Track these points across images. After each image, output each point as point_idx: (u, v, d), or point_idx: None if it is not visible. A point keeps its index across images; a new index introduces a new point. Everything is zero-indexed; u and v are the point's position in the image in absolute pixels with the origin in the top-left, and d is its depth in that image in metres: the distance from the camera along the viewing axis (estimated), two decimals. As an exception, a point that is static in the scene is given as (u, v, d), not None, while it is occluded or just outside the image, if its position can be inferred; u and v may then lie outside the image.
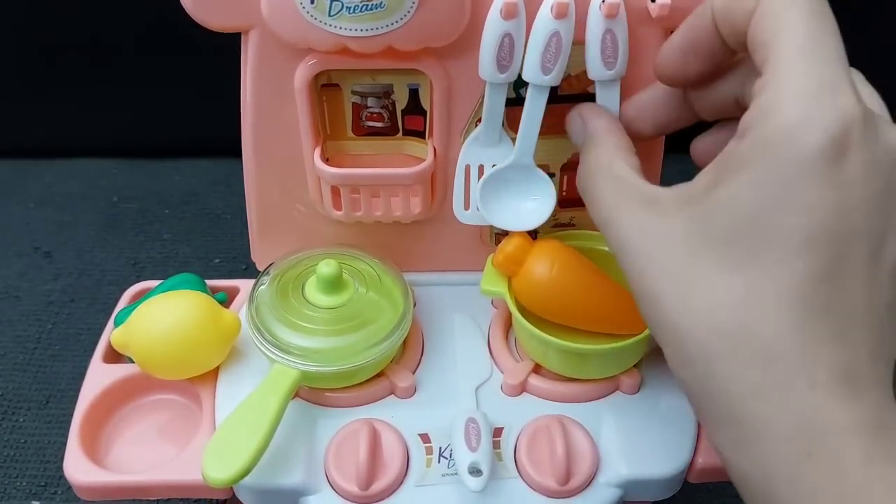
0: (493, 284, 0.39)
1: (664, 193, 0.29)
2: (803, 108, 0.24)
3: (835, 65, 0.25)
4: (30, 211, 0.69)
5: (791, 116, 0.24)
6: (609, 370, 0.39)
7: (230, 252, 0.65)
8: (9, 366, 0.56)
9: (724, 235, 0.25)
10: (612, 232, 0.30)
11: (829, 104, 0.24)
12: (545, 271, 0.38)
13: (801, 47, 0.25)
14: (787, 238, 0.24)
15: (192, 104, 0.67)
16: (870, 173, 0.24)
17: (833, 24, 0.26)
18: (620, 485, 0.37)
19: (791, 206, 0.24)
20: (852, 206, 0.24)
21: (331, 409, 0.39)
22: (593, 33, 0.35)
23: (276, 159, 0.41)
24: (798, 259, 0.24)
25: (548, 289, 0.38)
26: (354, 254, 0.42)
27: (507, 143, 0.39)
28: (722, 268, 0.25)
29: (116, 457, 0.39)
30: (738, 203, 0.25)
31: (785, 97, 0.24)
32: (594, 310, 0.39)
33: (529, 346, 0.40)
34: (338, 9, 0.33)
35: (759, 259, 0.25)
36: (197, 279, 0.44)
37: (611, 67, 0.36)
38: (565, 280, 0.38)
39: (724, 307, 0.25)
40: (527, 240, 0.39)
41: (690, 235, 0.26)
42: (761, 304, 0.24)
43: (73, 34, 0.67)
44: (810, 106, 0.24)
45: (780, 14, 0.26)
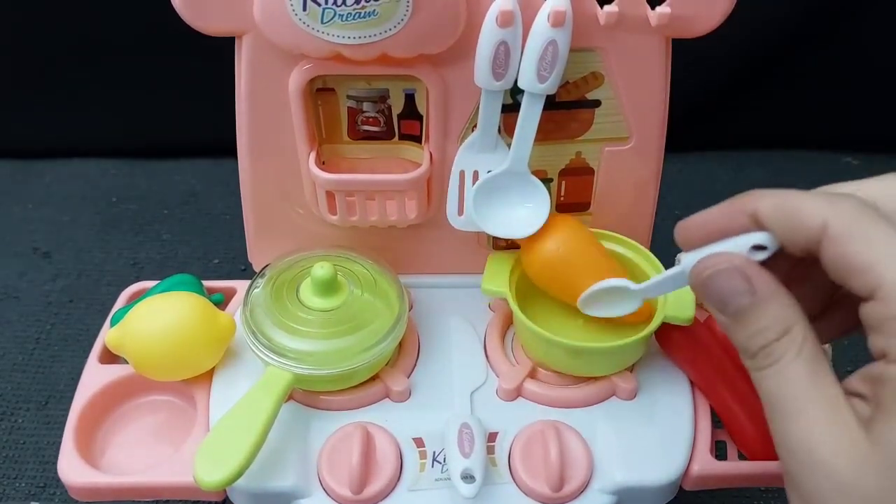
0: (494, 284, 0.40)
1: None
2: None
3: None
4: (29, 211, 0.69)
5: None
6: (609, 367, 0.40)
7: (229, 252, 0.65)
8: (8, 366, 0.56)
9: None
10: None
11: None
12: (556, 244, 0.38)
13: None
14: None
15: (192, 105, 0.67)
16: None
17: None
18: (614, 492, 0.36)
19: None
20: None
21: (325, 412, 0.39)
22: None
23: (272, 163, 0.41)
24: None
25: (558, 262, 0.39)
26: (349, 255, 0.42)
27: (503, 149, 0.39)
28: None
29: (111, 458, 0.39)
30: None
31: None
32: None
33: (530, 344, 0.40)
34: (330, 16, 0.33)
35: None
36: (194, 280, 0.44)
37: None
38: (575, 254, 0.39)
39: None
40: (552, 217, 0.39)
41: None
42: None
43: (72, 35, 0.67)
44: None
45: (867, 237, 0.27)
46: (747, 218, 0.30)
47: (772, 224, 0.29)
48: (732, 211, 0.31)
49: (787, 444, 0.27)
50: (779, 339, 0.28)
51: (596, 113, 0.40)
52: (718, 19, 0.36)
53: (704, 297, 0.30)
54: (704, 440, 0.38)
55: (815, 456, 0.26)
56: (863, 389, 0.27)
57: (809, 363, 0.27)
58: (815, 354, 0.27)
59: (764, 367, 0.28)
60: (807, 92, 0.72)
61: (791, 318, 0.28)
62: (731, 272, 0.29)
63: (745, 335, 0.28)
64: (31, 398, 0.54)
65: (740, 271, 0.29)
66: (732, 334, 0.29)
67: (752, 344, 0.28)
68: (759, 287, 0.28)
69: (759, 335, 0.28)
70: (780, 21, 0.68)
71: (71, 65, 0.69)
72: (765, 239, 0.29)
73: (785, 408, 0.27)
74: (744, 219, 0.30)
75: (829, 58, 0.70)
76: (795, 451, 0.27)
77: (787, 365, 0.27)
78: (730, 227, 0.30)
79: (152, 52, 0.67)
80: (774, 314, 0.28)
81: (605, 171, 0.42)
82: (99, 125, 0.72)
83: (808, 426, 0.27)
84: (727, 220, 0.31)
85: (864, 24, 0.68)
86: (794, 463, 0.27)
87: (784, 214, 0.29)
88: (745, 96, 0.73)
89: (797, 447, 0.27)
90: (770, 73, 0.71)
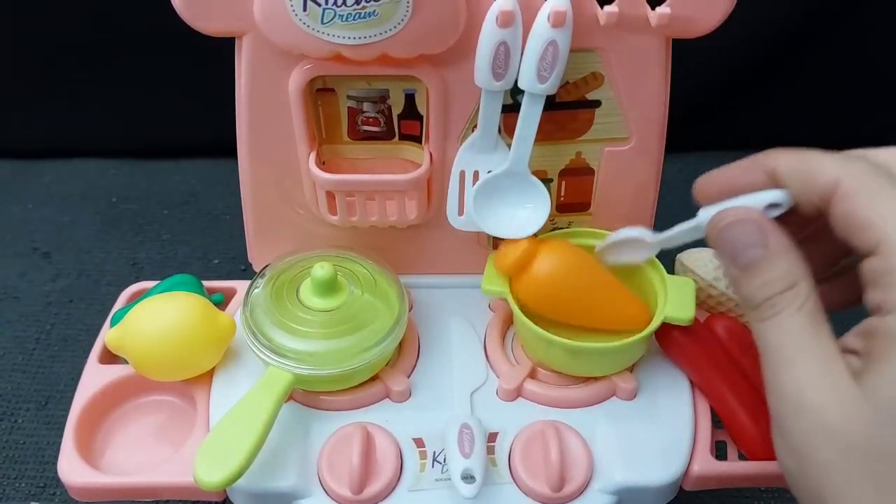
0: (494, 284, 0.40)
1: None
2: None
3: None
4: (29, 211, 0.69)
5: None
6: (609, 367, 0.40)
7: (229, 253, 0.65)
8: (8, 366, 0.56)
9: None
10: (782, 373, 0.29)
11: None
12: (549, 271, 0.38)
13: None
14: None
15: (192, 105, 0.67)
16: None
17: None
18: (615, 492, 0.37)
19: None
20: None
21: (325, 412, 0.39)
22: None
23: (272, 163, 0.41)
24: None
25: (551, 287, 0.38)
26: (349, 256, 0.42)
27: (503, 149, 0.39)
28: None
29: (111, 458, 0.39)
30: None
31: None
32: (596, 308, 0.39)
33: (531, 344, 0.40)
34: (330, 16, 0.33)
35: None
36: (194, 280, 0.44)
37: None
38: (568, 279, 0.38)
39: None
40: (534, 243, 0.39)
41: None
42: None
43: (72, 35, 0.67)
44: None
45: (875, 195, 0.28)
46: (765, 175, 0.31)
47: (788, 180, 0.30)
48: (751, 168, 0.32)
49: (778, 390, 0.28)
50: (783, 293, 0.29)
51: (596, 113, 0.40)
52: (718, 19, 0.36)
53: (719, 246, 0.31)
54: (704, 440, 0.38)
55: (806, 401, 0.27)
56: (856, 345, 0.28)
57: (809, 318, 0.28)
58: (816, 311, 0.28)
59: (766, 318, 0.29)
60: (807, 92, 0.72)
61: (797, 274, 0.29)
62: (747, 223, 0.30)
63: (753, 286, 0.29)
64: (31, 398, 0.54)
65: (756, 224, 0.30)
66: (740, 285, 0.30)
67: (758, 294, 0.29)
68: (772, 241, 0.29)
69: (765, 287, 0.29)
70: (780, 21, 0.68)
71: (71, 65, 0.69)
72: (780, 197, 0.30)
73: (781, 356, 0.28)
74: (762, 176, 0.31)
75: (829, 58, 0.70)
76: (786, 396, 0.28)
77: (789, 317, 0.28)
78: (748, 183, 0.31)
79: (152, 52, 0.67)
80: (783, 268, 0.29)
81: (605, 171, 0.42)
82: (99, 125, 0.72)
83: (802, 374, 0.28)
84: (745, 176, 0.32)
85: (864, 24, 0.68)
86: (784, 407, 0.28)
87: (800, 170, 0.30)
88: (745, 96, 0.73)
89: (789, 392, 0.28)
90: (770, 73, 0.71)
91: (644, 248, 0.38)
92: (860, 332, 0.28)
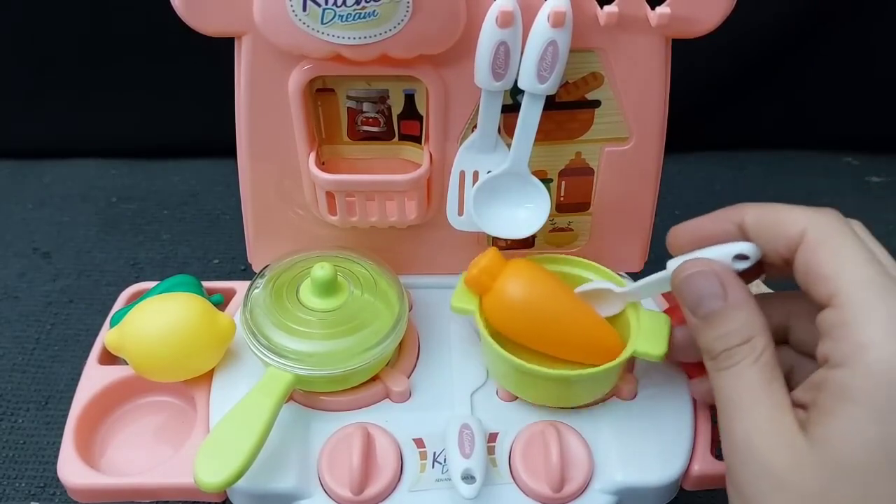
0: (463, 302, 0.39)
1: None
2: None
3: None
4: (29, 211, 0.69)
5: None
6: (566, 399, 0.38)
7: (229, 253, 0.65)
8: (8, 366, 0.56)
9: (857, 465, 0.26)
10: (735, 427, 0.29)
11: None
12: (517, 291, 0.37)
13: (870, 281, 0.27)
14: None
15: (191, 105, 0.67)
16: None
17: (879, 245, 0.29)
18: (615, 492, 0.37)
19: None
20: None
21: (325, 412, 0.39)
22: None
23: (271, 163, 0.41)
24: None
25: (519, 310, 0.38)
26: (349, 256, 0.42)
27: (503, 149, 0.39)
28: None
29: (111, 459, 0.39)
30: (861, 435, 0.26)
31: (878, 335, 0.27)
32: (565, 336, 0.38)
33: (492, 362, 0.39)
34: (330, 17, 0.33)
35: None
36: (193, 280, 0.44)
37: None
38: (537, 303, 0.38)
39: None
40: (500, 256, 0.38)
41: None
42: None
43: (72, 35, 0.67)
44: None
45: (836, 247, 0.28)
46: (734, 227, 0.32)
47: (755, 232, 0.31)
48: (720, 220, 0.33)
49: (730, 441, 0.29)
50: (740, 346, 0.29)
51: (596, 113, 0.40)
52: (718, 20, 0.36)
53: (681, 296, 0.32)
54: (705, 440, 0.38)
55: (754, 450, 0.28)
56: (805, 398, 0.28)
57: (764, 371, 0.29)
58: (771, 364, 0.29)
59: (723, 369, 0.30)
60: (807, 92, 0.72)
61: (755, 328, 0.30)
62: (708, 275, 0.31)
63: (712, 336, 0.30)
64: (31, 398, 0.54)
65: (717, 276, 0.31)
66: (700, 335, 0.31)
67: (716, 345, 0.30)
68: (731, 294, 0.30)
69: (723, 338, 0.30)
70: (780, 21, 0.68)
71: (71, 65, 0.69)
72: (747, 249, 0.31)
73: (735, 407, 0.29)
74: (731, 227, 0.32)
75: (829, 58, 0.70)
76: (736, 446, 0.28)
77: (744, 369, 0.29)
78: (717, 235, 0.32)
79: (152, 52, 0.67)
80: (741, 321, 0.30)
81: (604, 171, 0.42)
82: (99, 125, 0.72)
83: (752, 424, 0.28)
84: (715, 228, 0.33)
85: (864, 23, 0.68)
86: (735, 457, 0.29)
87: (767, 222, 0.31)
88: (745, 96, 0.73)
89: (739, 444, 0.28)
90: (770, 73, 0.71)
91: (614, 299, 0.38)
92: (809, 385, 0.29)
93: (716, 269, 0.31)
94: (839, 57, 0.70)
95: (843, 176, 0.75)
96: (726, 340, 0.30)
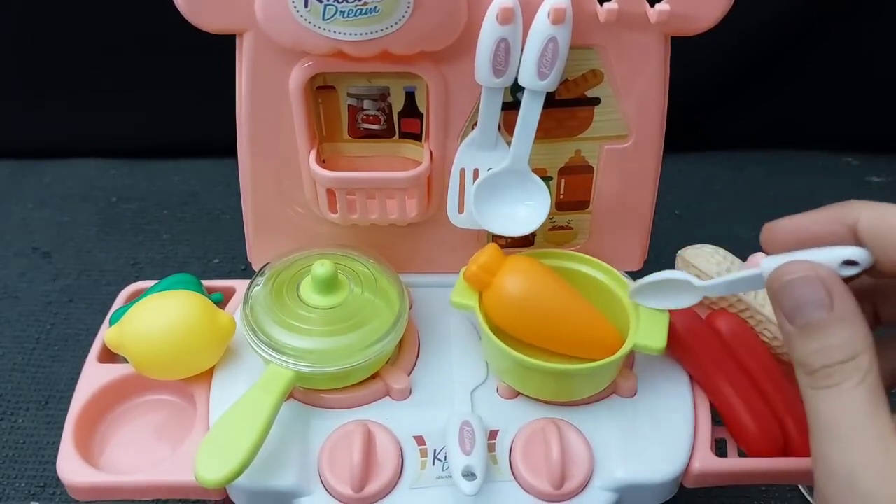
0: (463, 297, 0.39)
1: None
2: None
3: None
4: (29, 211, 0.69)
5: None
6: (565, 393, 0.38)
7: (229, 252, 0.65)
8: (8, 366, 0.56)
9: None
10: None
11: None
12: (515, 287, 0.37)
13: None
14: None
15: (191, 105, 0.67)
16: None
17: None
18: (616, 489, 0.36)
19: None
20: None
21: (325, 410, 0.39)
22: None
23: (272, 161, 0.41)
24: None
25: (517, 305, 0.38)
26: (350, 254, 0.42)
27: (504, 146, 0.39)
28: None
29: (110, 457, 0.39)
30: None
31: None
32: (563, 331, 0.38)
33: (492, 357, 0.39)
34: (332, 13, 0.33)
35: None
36: (193, 279, 0.44)
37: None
38: (535, 298, 0.37)
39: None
40: (500, 252, 0.38)
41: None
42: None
43: (72, 35, 0.67)
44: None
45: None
46: (845, 229, 0.29)
47: (869, 238, 0.28)
48: (829, 219, 0.29)
49: (828, 468, 0.26)
50: (843, 363, 0.27)
51: (595, 111, 0.40)
52: (717, 17, 0.36)
53: (778, 301, 0.29)
54: (705, 437, 0.38)
55: (859, 486, 0.26)
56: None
57: (868, 394, 0.26)
58: (876, 387, 0.26)
59: (821, 388, 0.27)
60: (807, 92, 0.72)
61: (860, 344, 0.27)
62: (814, 281, 0.28)
63: (810, 350, 0.27)
64: (31, 398, 0.54)
65: (824, 283, 0.28)
66: (795, 346, 0.28)
67: (814, 360, 0.27)
68: (839, 304, 0.27)
69: (823, 353, 0.27)
70: (780, 20, 0.68)
71: (71, 65, 0.69)
72: (859, 255, 0.28)
73: (834, 432, 0.26)
74: (841, 229, 0.29)
75: (829, 57, 0.70)
76: (836, 477, 0.26)
77: (848, 391, 0.26)
78: (821, 235, 0.29)
79: (152, 52, 0.67)
80: (846, 336, 0.27)
81: (604, 169, 0.42)
82: (99, 125, 0.72)
83: (856, 457, 0.26)
84: (822, 227, 0.29)
85: (864, 23, 0.69)
86: (833, 487, 0.26)
87: (885, 229, 0.28)
88: (745, 96, 0.73)
89: (839, 473, 0.26)
90: (770, 72, 0.71)
91: (688, 293, 0.35)
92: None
93: (822, 274, 0.28)
94: (839, 56, 0.70)
95: (843, 176, 0.75)
96: (828, 356, 0.27)
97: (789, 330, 0.28)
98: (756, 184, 0.74)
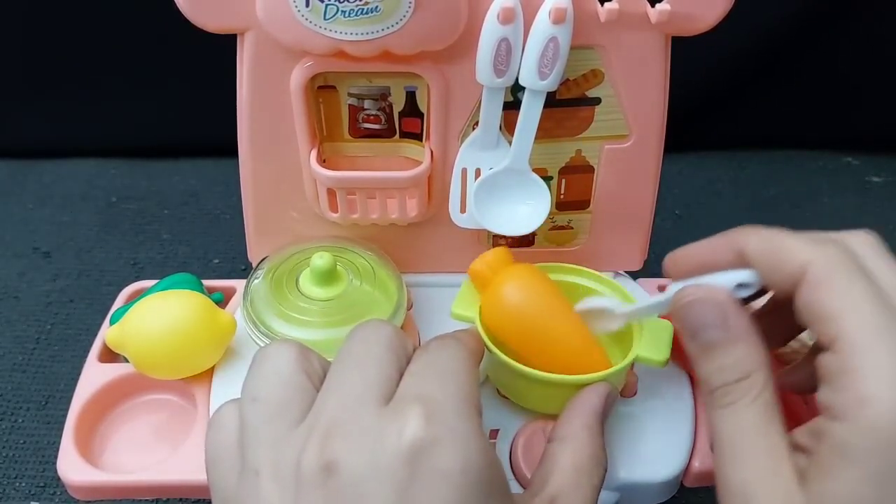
0: (465, 309, 0.38)
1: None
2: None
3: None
4: (29, 211, 0.69)
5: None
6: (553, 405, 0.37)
7: (229, 252, 0.65)
8: (8, 366, 0.56)
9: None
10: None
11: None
12: (511, 294, 0.36)
13: (875, 326, 0.26)
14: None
15: (192, 104, 0.67)
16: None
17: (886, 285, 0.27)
18: (616, 488, 0.36)
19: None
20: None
21: (326, 409, 0.39)
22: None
23: (273, 161, 0.41)
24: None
25: (509, 313, 0.36)
26: (348, 246, 0.42)
27: (505, 146, 0.39)
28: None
29: (111, 456, 0.39)
30: (858, 498, 0.25)
31: (881, 389, 0.25)
32: (550, 348, 0.36)
33: (496, 376, 0.39)
34: (333, 12, 0.33)
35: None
36: (193, 279, 0.44)
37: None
38: (528, 310, 0.36)
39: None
40: (509, 254, 0.38)
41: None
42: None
43: (72, 34, 0.67)
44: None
45: (840, 287, 0.27)
46: (734, 254, 0.31)
47: (756, 261, 0.30)
48: (721, 246, 0.31)
49: (727, 487, 0.28)
50: (738, 381, 0.28)
51: (596, 111, 0.40)
52: (718, 17, 0.36)
53: (680, 323, 0.31)
54: (705, 437, 0.38)
55: (751, 502, 0.27)
56: (806, 443, 0.27)
57: (762, 412, 0.28)
58: (770, 404, 0.28)
59: (720, 406, 0.29)
60: (807, 91, 0.72)
61: (755, 363, 0.28)
62: (709, 303, 0.30)
63: (709, 369, 0.29)
64: (31, 398, 0.54)
65: (719, 305, 0.30)
66: (698, 365, 0.30)
67: (713, 379, 0.29)
68: (733, 325, 0.29)
69: (720, 372, 0.29)
70: (780, 20, 0.68)
71: (71, 65, 0.69)
72: (749, 277, 0.30)
73: (731, 451, 0.28)
74: (731, 255, 0.31)
75: (829, 57, 0.70)
76: (733, 494, 0.27)
77: (742, 409, 0.28)
78: (717, 261, 0.31)
79: (152, 51, 0.67)
80: (740, 355, 0.29)
81: (604, 169, 0.42)
82: (99, 125, 0.72)
83: (749, 475, 0.27)
84: (714, 254, 0.31)
85: (864, 23, 0.69)
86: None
87: (769, 253, 0.29)
88: (745, 96, 0.73)
89: (735, 490, 0.27)
90: (770, 72, 0.71)
91: (612, 318, 0.36)
92: (810, 430, 0.27)
93: (717, 296, 0.30)
94: (839, 56, 0.70)
95: (843, 176, 0.75)
96: (724, 374, 0.29)
97: (693, 350, 0.30)
98: (756, 184, 0.74)
